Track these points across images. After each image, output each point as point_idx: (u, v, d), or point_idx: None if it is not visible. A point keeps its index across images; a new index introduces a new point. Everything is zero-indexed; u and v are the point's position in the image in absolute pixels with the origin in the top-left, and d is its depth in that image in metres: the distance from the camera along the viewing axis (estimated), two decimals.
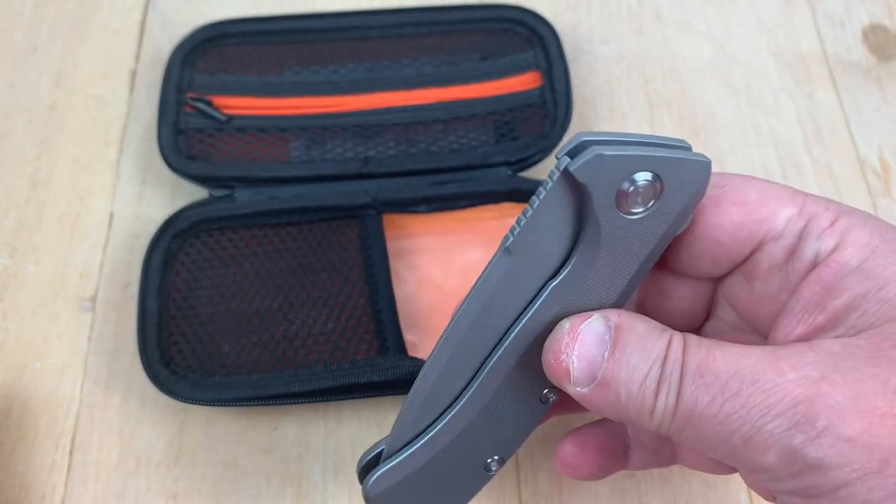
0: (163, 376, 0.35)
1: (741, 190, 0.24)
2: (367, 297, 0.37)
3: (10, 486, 0.35)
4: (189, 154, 0.40)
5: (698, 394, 0.21)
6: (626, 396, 0.22)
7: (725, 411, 0.21)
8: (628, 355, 0.22)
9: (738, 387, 0.21)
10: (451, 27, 0.44)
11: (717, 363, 0.21)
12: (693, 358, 0.22)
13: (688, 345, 0.22)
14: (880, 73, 0.46)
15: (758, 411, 0.20)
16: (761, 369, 0.21)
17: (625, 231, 0.23)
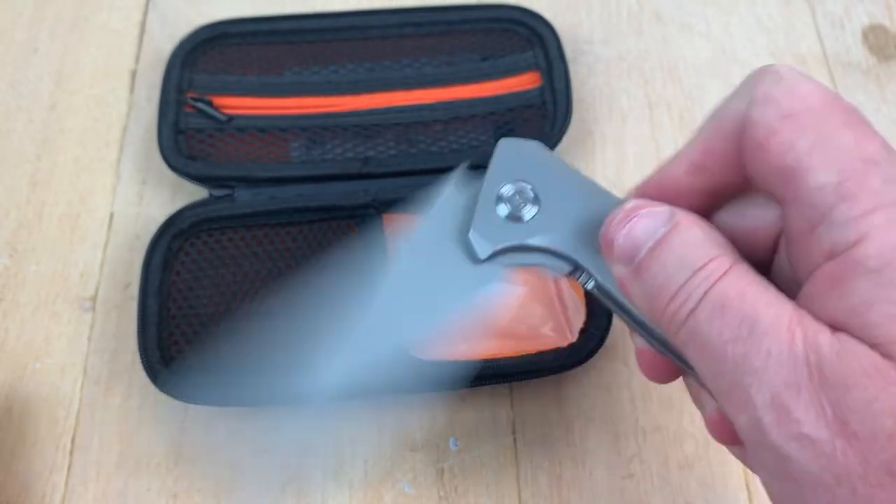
0: (163, 376, 0.35)
1: (799, 127, 0.21)
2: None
3: (10, 486, 0.35)
4: (189, 154, 0.40)
5: (710, 321, 0.21)
6: (650, 290, 0.22)
7: (725, 351, 0.21)
8: (667, 254, 0.22)
9: (746, 334, 0.20)
10: (451, 27, 0.44)
11: (744, 301, 0.21)
12: (726, 286, 0.21)
13: (731, 271, 0.21)
14: (880, 74, 0.46)
15: (749, 370, 0.20)
16: (776, 328, 0.20)
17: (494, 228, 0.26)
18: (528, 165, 0.26)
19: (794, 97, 0.21)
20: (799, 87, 0.21)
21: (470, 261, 0.26)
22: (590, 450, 0.36)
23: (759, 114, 0.22)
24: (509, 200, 0.26)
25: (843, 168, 0.20)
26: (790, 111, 0.21)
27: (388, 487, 0.35)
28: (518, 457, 0.36)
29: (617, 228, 0.23)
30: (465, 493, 0.35)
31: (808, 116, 0.21)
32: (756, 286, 0.21)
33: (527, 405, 0.37)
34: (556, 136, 0.40)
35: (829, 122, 0.21)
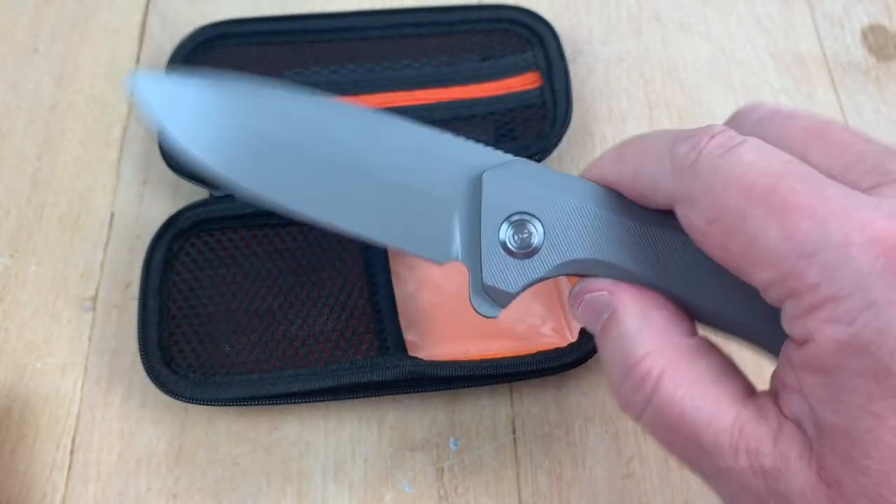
0: (163, 376, 0.35)
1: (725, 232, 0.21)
2: (367, 297, 0.37)
3: (10, 486, 0.35)
4: None
5: (657, 427, 0.23)
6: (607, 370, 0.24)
7: (678, 455, 0.23)
8: (609, 346, 0.24)
9: (693, 450, 0.22)
10: (451, 28, 0.44)
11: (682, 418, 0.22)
12: (660, 396, 0.22)
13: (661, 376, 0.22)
14: (879, 74, 0.46)
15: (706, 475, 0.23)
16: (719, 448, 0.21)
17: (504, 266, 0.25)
18: (519, 191, 0.25)
19: (713, 195, 0.21)
20: (715, 180, 0.21)
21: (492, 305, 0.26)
22: (590, 450, 0.36)
23: (686, 216, 0.22)
24: (512, 236, 0.25)
25: (779, 266, 0.20)
26: (712, 216, 0.21)
27: (388, 487, 0.35)
28: (518, 457, 0.36)
29: (572, 308, 0.26)
30: (465, 493, 0.35)
31: (730, 218, 0.20)
32: (694, 390, 0.22)
33: (527, 405, 0.37)
34: (556, 136, 0.40)
35: (753, 218, 0.20)
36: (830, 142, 0.22)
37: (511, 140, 0.41)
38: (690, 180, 0.21)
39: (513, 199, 0.25)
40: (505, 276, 0.25)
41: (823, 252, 0.19)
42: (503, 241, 0.25)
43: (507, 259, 0.25)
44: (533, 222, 0.25)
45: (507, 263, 0.25)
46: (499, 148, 0.40)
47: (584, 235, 0.24)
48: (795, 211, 0.19)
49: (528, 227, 0.25)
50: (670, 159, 0.22)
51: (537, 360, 0.35)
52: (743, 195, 0.20)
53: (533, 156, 0.40)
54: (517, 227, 0.25)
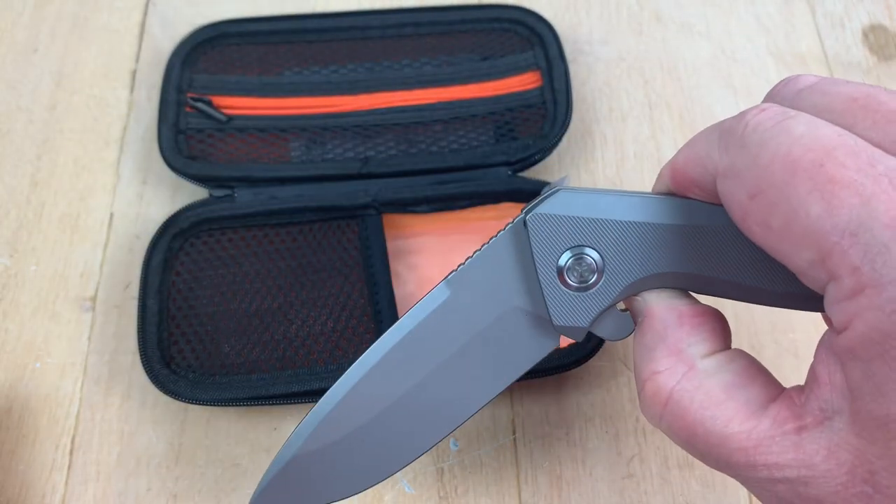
0: (163, 376, 0.35)
1: (768, 206, 0.20)
2: (367, 297, 0.37)
3: (10, 486, 0.35)
4: (189, 154, 0.40)
5: (672, 428, 0.23)
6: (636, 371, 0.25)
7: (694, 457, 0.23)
8: (638, 350, 0.24)
9: (714, 458, 0.22)
10: (451, 27, 0.44)
11: (690, 425, 0.22)
12: (676, 403, 0.22)
13: (672, 398, 0.23)
14: (880, 74, 0.46)
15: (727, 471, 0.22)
16: (736, 458, 0.21)
17: (573, 306, 0.25)
18: (568, 228, 0.24)
19: (758, 167, 0.20)
20: (762, 152, 0.20)
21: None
22: (590, 450, 0.36)
23: (729, 190, 0.21)
24: (570, 271, 0.24)
25: (821, 246, 0.19)
26: (755, 190, 0.20)
27: (388, 487, 0.35)
28: (518, 457, 0.36)
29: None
30: (465, 493, 0.35)
31: (773, 192, 0.20)
32: (705, 408, 0.22)
33: (527, 405, 0.37)
34: (556, 136, 0.40)
35: (796, 194, 0.19)
36: (877, 112, 0.20)
37: (511, 140, 0.41)
38: (736, 153, 0.21)
39: (561, 237, 0.24)
40: (573, 313, 0.24)
41: (867, 232, 0.18)
42: (563, 280, 0.24)
43: (571, 295, 0.24)
44: (587, 252, 0.24)
45: (573, 299, 0.24)
46: (499, 147, 0.41)
47: (637, 252, 0.24)
48: (841, 187, 0.18)
49: (585, 259, 0.24)
50: (718, 134, 0.22)
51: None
52: (788, 169, 0.19)
53: (533, 156, 0.40)
54: (574, 261, 0.24)
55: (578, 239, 0.24)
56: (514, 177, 0.40)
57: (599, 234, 0.24)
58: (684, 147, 0.24)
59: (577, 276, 0.24)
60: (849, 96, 0.21)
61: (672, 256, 0.24)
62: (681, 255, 0.23)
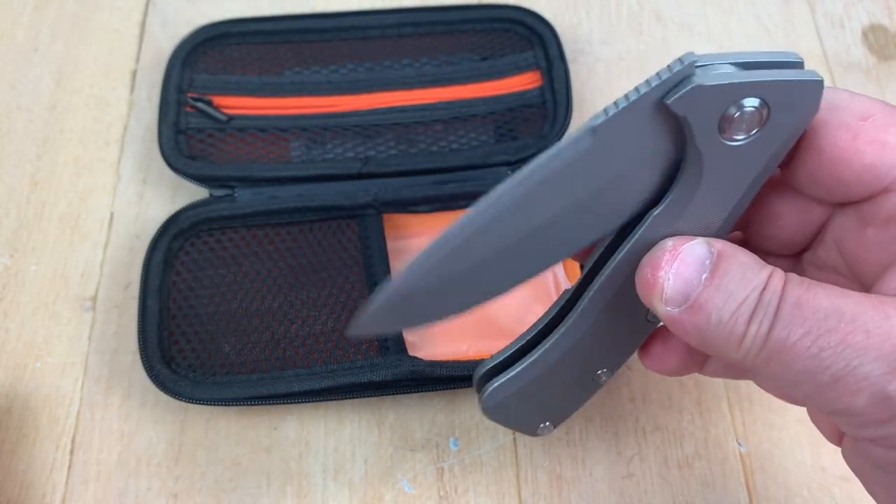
0: (163, 376, 0.35)
1: (883, 126, 0.21)
2: (367, 297, 0.37)
3: (10, 485, 0.35)
4: (190, 154, 0.40)
5: (793, 326, 0.21)
6: (716, 322, 0.22)
7: (819, 345, 0.20)
8: (728, 281, 0.22)
9: (835, 323, 0.20)
10: (451, 27, 0.44)
11: (818, 298, 0.20)
12: (793, 290, 0.21)
13: (789, 279, 0.21)
14: (880, 74, 0.46)
15: (854, 351, 0.20)
16: (864, 310, 0.20)
17: (728, 158, 0.23)
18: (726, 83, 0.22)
19: (861, 101, 0.21)
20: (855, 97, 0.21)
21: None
22: (590, 450, 0.36)
23: (834, 118, 0.21)
24: (734, 122, 0.22)
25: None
26: (866, 112, 0.21)
27: (388, 487, 0.35)
28: (518, 457, 0.36)
29: (664, 269, 0.23)
30: (465, 493, 0.35)
31: (884, 115, 0.21)
32: (818, 285, 0.21)
33: None
34: (556, 135, 0.40)
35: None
36: None
37: (511, 140, 0.41)
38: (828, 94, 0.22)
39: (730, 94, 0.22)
40: (727, 166, 0.23)
41: None
42: (723, 128, 0.22)
43: (726, 146, 0.22)
44: (757, 105, 0.22)
45: (728, 150, 0.22)
46: (499, 147, 0.41)
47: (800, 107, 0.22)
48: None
49: (751, 111, 0.22)
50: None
51: None
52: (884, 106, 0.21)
53: (533, 155, 0.40)
54: (740, 112, 0.22)
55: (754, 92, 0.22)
56: None
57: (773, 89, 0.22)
58: None
59: (742, 126, 0.22)
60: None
61: None
62: None
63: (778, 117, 0.22)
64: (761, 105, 0.22)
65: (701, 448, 0.36)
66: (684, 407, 0.37)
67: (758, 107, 0.22)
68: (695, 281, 0.22)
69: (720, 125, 0.22)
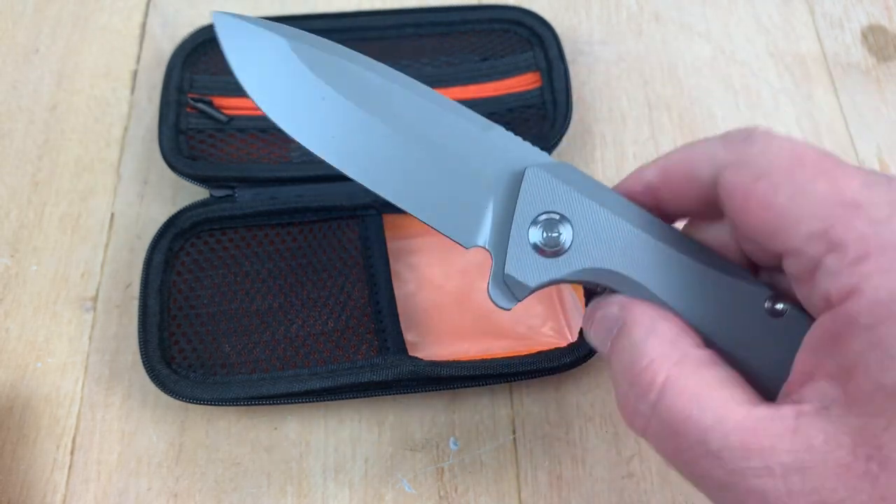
0: (164, 376, 0.35)
1: (773, 186, 0.21)
2: (368, 297, 0.37)
3: (11, 485, 0.35)
4: (190, 154, 0.40)
5: (664, 439, 0.22)
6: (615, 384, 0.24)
7: (684, 469, 0.22)
8: (618, 359, 0.24)
9: (701, 452, 0.21)
10: (451, 28, 0.44)
11: (692, 420, 0.21)
12: (670, 400, 0.22)
13: (665, 383, 0.22)
14: (879, 74, 0.46)
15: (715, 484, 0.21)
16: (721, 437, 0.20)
17: (530, 265, 0.26)
18: (557, 192, 0.25)
19: (765, 157, 0.22)
20: (768, 146, 0.22)
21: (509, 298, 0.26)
22: (590, 450, 0.36)
23: (733, 176, 0.22)
24: (543, 233, 0.25)
25: (825, 215, 0.20)
26: (762, 172, 0.21)
27: (388, 487, 0.35)
28: (518, 457, 0.36)
29: (586, 326, 0.26)
30: (465, 492, 0.35)
31: (779, 174, 0.21)
32: (700, 393, 0.21)
33: (527, 405, 0.37)
34: (556, 136, 0.40)
35: (802, 175, 0.21)
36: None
37: None
38: (742, 147, 0.22)
39: (550, 198, 0.25)
40: (527, 269, 0.25)
41: (872, 207, 0.19)
42: (532, 236, 0.25)
43: (532, 254, 0.25)
44: (564, 224, 0.25)
45: (532, 258, 0.25)
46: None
47: (611, 247, 0.25)
48: (844, 174, 0.20)
49: (559, 228, 0.25)
50: (722, 139, 0.23)
51: (537, 360, 0.35)
52: (797, 158, 0.21)
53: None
54: (548, 225, 0.25)
55: (561, 208, 0.25)
56: None
57: (581, 212, 0.25)
58: (679, 150, 0.25)
59: (547, 239, 0.25)
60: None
61: (639, 266, 0.25)
62: (646, 268, 0.24)
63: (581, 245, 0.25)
64: (565, 224, 0.25)
65: None
66: None
67: (560, 223, 0.25)
68: (605, 344, 0.25)
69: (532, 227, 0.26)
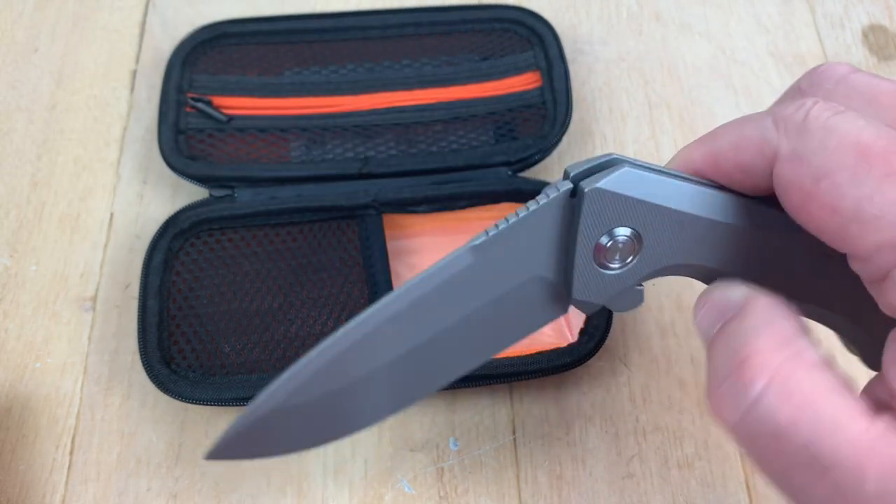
0: (163, 376, 0.35)
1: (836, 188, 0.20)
2: (367, 297, 0.37)
3: (10, 486, 0.35)
4: (189, 154, 0.40)
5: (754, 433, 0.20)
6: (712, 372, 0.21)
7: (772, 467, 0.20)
8: (719, 349, 0.21)
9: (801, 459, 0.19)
10: (451, 27, 0.44)
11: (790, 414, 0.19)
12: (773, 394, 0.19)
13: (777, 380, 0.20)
14: (880, 74, 0.46)
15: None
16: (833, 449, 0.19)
17: (598, 284, 0.23)
18: (624, 207, 0.22)
19: (826, 153, 0.20)
20: (828, 139, 0.20)
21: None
22: (590, 450, 0.36)
23: (791, 174, 0.20)
24: (610, 251, 0.23)
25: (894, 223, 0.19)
26: (823, 172, 0.20)
27: (388, 487, 0.35)
28: (518, 457, 0.36)
29: (697, 309, 0.23)
30: (465, 493, 0.35)
31: (843, 175, 0.19)
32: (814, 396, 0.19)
33: (527, 405, 0.37)
34: (556, 136, 0.40)
35: (868, 176, 0.19)
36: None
37: (511, 140, 0.41)
38: (798, 137, 0.20)
39: (614, 214, 0.22)
40: (596, 289, 0.24)
41: None
42: (598, 257, 0.23)
43: (599, 273, 0.23)
44: (631, 234, 0.23)
45: (600, 277, 0.23)
46: (499, 147, 0.41)
47: (681, 241, 0.23)
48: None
49: (627, 241, 0.23)
50: (773, 120, 0.21)
51: (537, 360, 0.35)
52: (859, 154, 0.19)
53: (533, 156, 0.40)
54: (614, 241, 0.23)
55: (630, 220, 0.22)
56: (514, 177, 0.40)
57: (653, 218, 0.22)
58: (726, 131, 0.23)
59: (616, 256, 0.23)
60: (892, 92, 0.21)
61: (711, 252, 0.23)
62: (719, 252, 0.23)
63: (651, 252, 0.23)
64: (634, 235, 0.22)
65: (701, 448, 0.36)
66: (684, 407, 0.37)
67: (630, 237, 0.22)
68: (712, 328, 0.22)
69: (595, 251, 0.23)
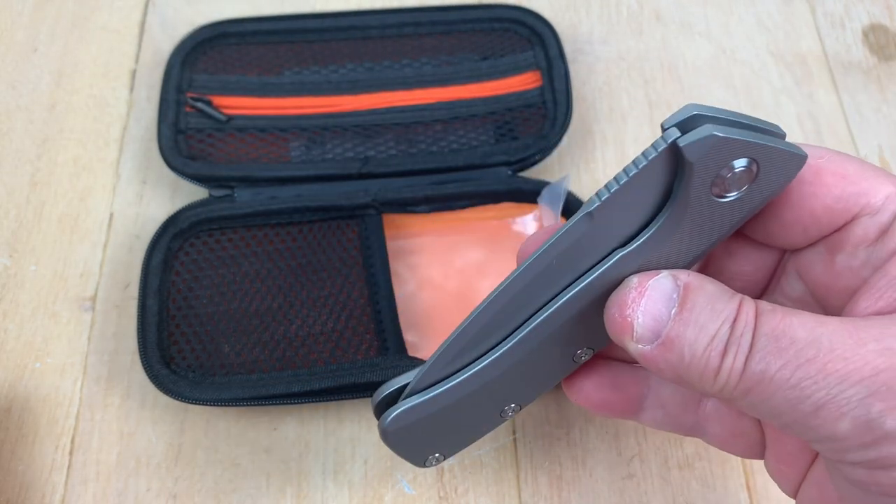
0: (163, 376, 0.35)
1: (840, 162, 0.23)
2: (367, 297, 0.37)
3: (10, 486, 0.35)
4: (189, 154, 0.40)
5: (770, 358, 0.20)
6: (689, 357, 0.21)
7: (798, 376, 0.20)
8: (696, 314, 0.22)
9: (814, 353, 0.20)
10: (451, 27, 0.44)
11: (794, 328, 0.20)
12: (767, 321, 0.21)
13: (761, 309, 0.21)
14: (880, 74, 0.46)
15: (835, 378, 0.20)
16: (840, 337, 0.20)
17: (712, 211, 0.23)
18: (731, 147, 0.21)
19: (809, 148, 0.23)
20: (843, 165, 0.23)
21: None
22: (590, 450, 0.36)
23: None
24: (726, 181, 0.22)
25: (892, 180, 0.23)
26: (817, 153, 0.23)
27: (388, 487, 0.35)
28: (518, 457, 0.36)
29: (632, 308, 0.22)
30: (465, 493, 0.35)
31: (831, 153, 0.23)
32: (792, 314, 0.21)
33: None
34: (557, 135, 0.40)
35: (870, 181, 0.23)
36: None
37: (511, 140, 0.41)
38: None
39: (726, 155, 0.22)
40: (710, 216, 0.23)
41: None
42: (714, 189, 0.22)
43: (716, 202, 0.23)
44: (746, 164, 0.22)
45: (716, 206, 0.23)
46: (499, 147, 0.40)
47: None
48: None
49: (742, 170, 0.22)
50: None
51: None
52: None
53: (533, 155, 0.40)
54: (732, 172, 0.22)
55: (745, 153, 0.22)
56: (514, 177, 0.40)
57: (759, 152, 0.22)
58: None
59: (734, 184, 0.22)
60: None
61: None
62: None
63: (764, 181, 0.22)
64: (752, 166, 0.22)
65: (701, 448, 0.36)
66: None
67: (749, 167, 0.22)
68: (664, 316, 0.22)
69: (713, 181, 0.22)
